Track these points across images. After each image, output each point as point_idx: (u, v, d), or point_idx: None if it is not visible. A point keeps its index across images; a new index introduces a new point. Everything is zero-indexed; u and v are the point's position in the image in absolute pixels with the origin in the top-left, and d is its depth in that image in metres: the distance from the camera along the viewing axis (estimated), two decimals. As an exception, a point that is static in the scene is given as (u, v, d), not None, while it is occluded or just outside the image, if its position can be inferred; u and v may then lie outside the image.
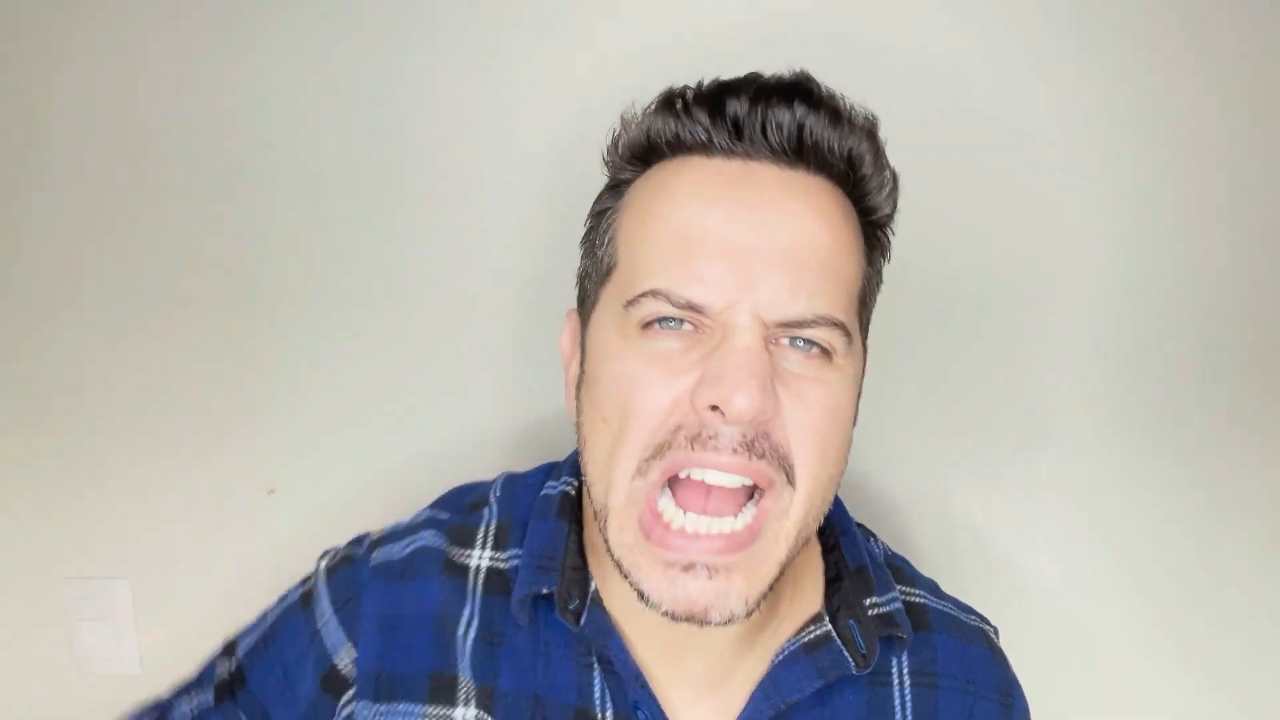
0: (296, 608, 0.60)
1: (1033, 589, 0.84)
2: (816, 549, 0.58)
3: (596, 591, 0.53)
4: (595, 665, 0.52)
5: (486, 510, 0.59)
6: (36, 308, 0.83)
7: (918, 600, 0.58)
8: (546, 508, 0.56)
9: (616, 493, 0.46)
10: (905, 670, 0.55)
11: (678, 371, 0.44)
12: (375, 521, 0.67)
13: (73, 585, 0.87)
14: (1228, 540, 0.82)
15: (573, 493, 0.57)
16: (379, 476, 0.84)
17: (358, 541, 0.61)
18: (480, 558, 0.56)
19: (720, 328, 0.44)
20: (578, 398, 0.52)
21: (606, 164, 0.53)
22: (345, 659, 0.55)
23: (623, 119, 0.51)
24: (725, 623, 0.45)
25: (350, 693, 0.55)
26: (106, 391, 0.84)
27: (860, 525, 0.62)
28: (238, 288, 0.82)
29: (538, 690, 0.52)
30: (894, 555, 0.62)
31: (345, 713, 0.54)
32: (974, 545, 0.84)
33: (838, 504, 0.58)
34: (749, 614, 0.45)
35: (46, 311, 0.83)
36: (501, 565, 0.55)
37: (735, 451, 0.43)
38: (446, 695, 0.53)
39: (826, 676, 0.51)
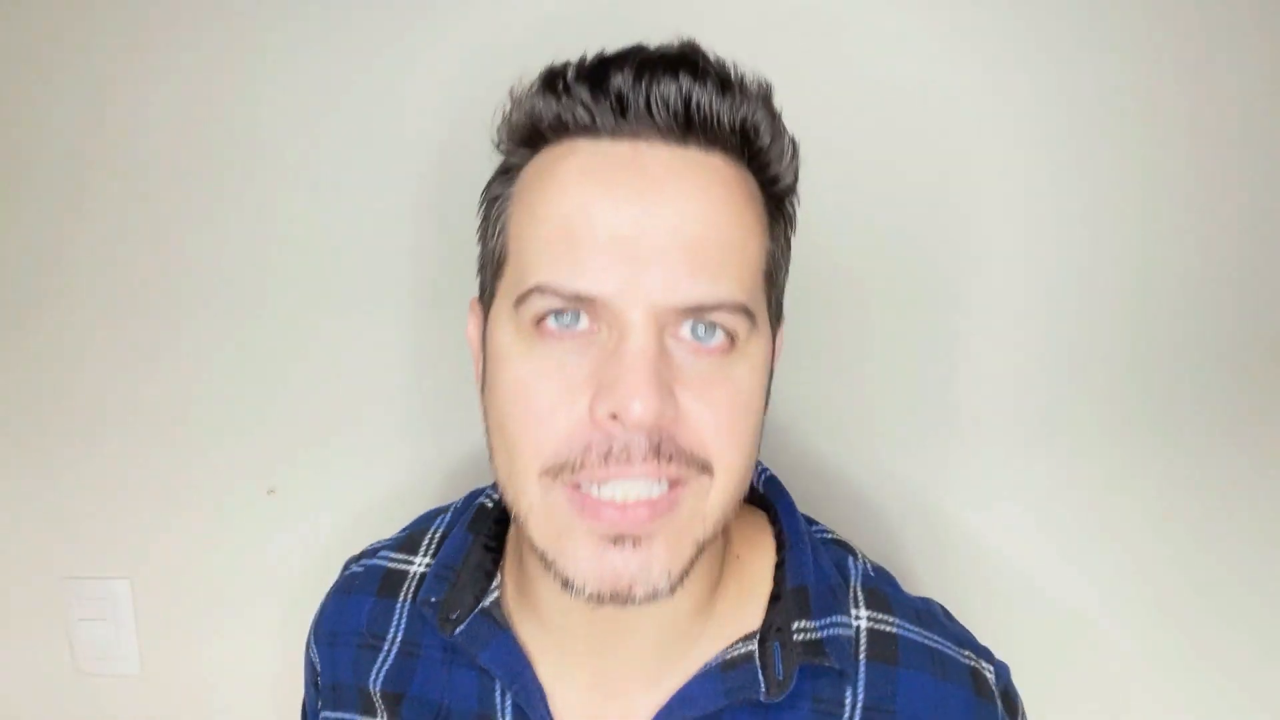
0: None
1: (1034, 589, 0.84)
2: (770, 561, 0.55)
3: (495, 604, 0.53)
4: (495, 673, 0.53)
5: (441, 517, 0.61)
6: (36, 308, 0.83)
7: (889, 630, 0.53)
8: (466, 518, 0.57)
9: (527, 497, 0.45)
10: (859, 704, 0.50)
11: (573, 386, 0.43)
12: (375, 521, 0.68)
13: (73, 585, 0.87)
14: (1232, 537, 0.83)
15: (490, 505, 0.58)
16: (379, 476, 0.84)
17: (357, 554, 0.65)
18: (420, 564, 0.58)
19: (615, 324, 0.42)
20: (483, 396, 0.50)
21: (496, 145, 0.50)
22: (316, 673, 0.61)
23: (511, 95, 0.48)
24: (649, 598, 0.43)
25: (321, 701, 0.60)
26: (106, 391, 0.84)
27: (839, 541, 0.59)
28: (237, 287, 0.82)
29: (444, 699, 0.54)
30: (876, 578, 0.56)
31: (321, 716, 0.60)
32: (970, 548, 0.84)
33: (791, 513, 0.56)
34: (671, 589, 0.44)
35: (46, 311, 0.83)
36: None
37: (645, 459, 0.42)
38: (370, 706, 0.56)
39: (733, 698, 0.49)
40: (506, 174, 0.49)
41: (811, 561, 0.53)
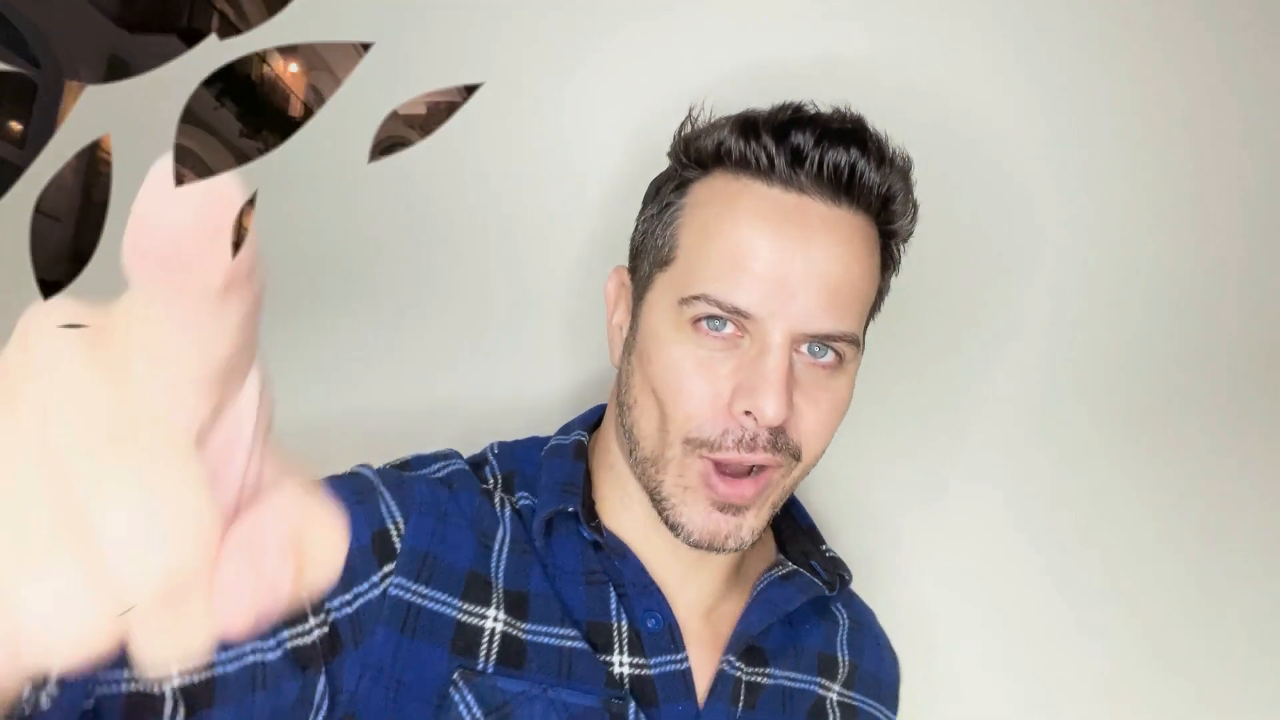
0: (338, 477, 0.59)
1: (1033, 588, 0.84)
2: None
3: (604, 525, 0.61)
4: (609, 581, 0.59)
5: (487, 467, 0.64)
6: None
7: (843, 575, 0.72)
8: (562, 453, 0.63)
9: (670, 450, 0.55)
10: (846, 617, 0.69)
11: (718, 378, 0.54)
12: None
13: (73, 585, 0.87)
14: (1231, 539, 0.83)
15: (585, 442, 0.64)
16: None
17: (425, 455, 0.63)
18: (500, 494, 0.62)
19: (758, 338, 0.53)
20: (625, 353, 0.60)
21: (670, 155, 0.59)
22: (394, 529, 0.55)
23: (691, 114, 0.58)
24: (736, 550, 0.56)
25: (391, 565, 0.54)
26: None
27: None
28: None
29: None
30: None
31: (384, 584, 0.53)
32: (969, 547, 0.84)
33: None
34: (750, 544, 0.56)
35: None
36: (514, 505, 0.61)
37: (765, 450, 0.53)
38: (481, 596, 0.55)
39: (807, 594, 0.63)
40: (681, 186, 0.58)
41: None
